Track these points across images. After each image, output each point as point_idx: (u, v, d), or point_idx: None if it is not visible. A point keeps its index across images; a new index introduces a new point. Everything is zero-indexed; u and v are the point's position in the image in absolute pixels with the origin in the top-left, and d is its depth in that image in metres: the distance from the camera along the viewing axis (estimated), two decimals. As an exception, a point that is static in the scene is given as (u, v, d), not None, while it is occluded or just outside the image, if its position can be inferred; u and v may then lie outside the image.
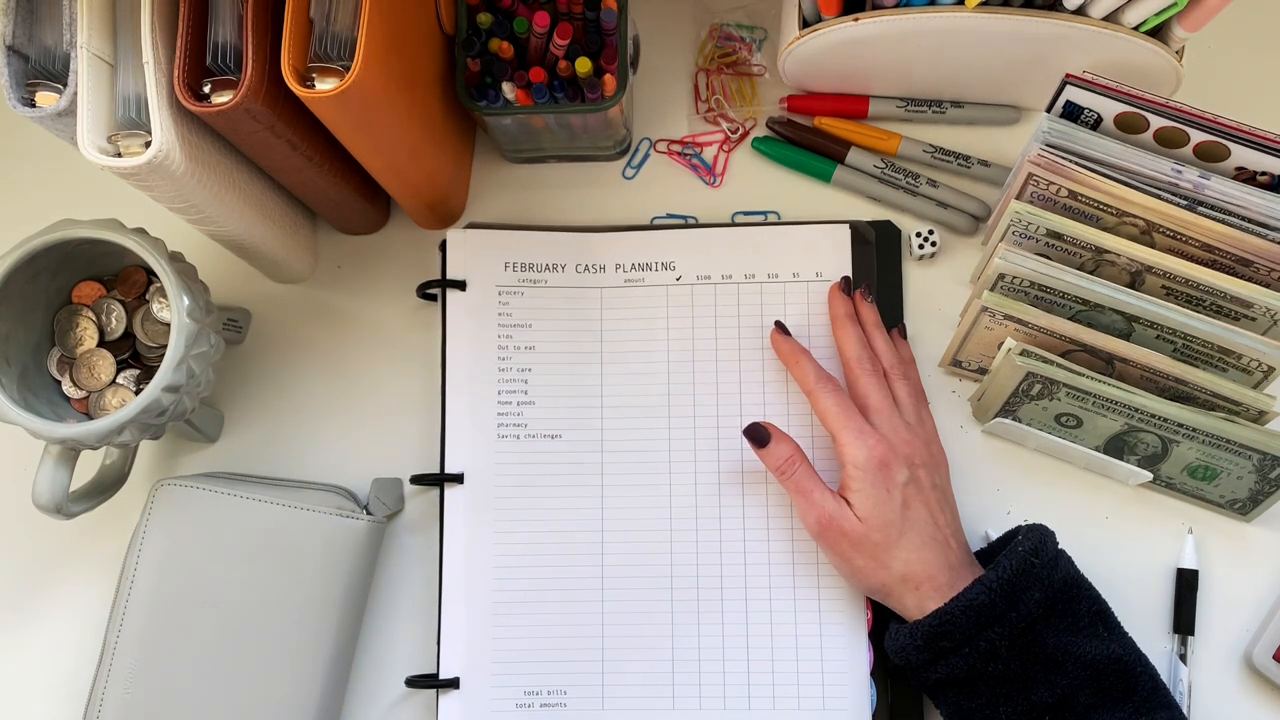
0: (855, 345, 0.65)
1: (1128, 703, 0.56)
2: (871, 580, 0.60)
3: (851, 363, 0.64)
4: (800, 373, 0.64)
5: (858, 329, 0.66)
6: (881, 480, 0.60)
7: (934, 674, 0.58)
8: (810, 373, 0.64)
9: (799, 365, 0.64)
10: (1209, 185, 0.59)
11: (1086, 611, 0.58)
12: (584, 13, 0.63)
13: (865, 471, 0.60)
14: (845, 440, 0.61)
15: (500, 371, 0.68)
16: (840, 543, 0.60)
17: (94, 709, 0.61)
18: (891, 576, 0.59)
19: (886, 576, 0.59)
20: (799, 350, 0.65)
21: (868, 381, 0.63)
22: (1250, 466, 0.61)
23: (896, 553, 0.59)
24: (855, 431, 0.61)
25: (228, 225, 0.62)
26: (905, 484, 0.60)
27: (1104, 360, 0.61)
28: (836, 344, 0.66)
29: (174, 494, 0.64)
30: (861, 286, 0.68)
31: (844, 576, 0.63)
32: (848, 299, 0.67)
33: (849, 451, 0.60)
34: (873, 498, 0.59)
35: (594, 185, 0.73)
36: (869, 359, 0.64)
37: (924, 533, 0.59)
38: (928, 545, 0.59)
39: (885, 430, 0.61)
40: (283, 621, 0.63)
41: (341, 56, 0.55)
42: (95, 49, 0.55)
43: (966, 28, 0.63)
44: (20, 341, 0.62)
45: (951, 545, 0.60)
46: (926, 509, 0.60)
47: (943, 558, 0.59)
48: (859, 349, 0.64)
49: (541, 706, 0.64)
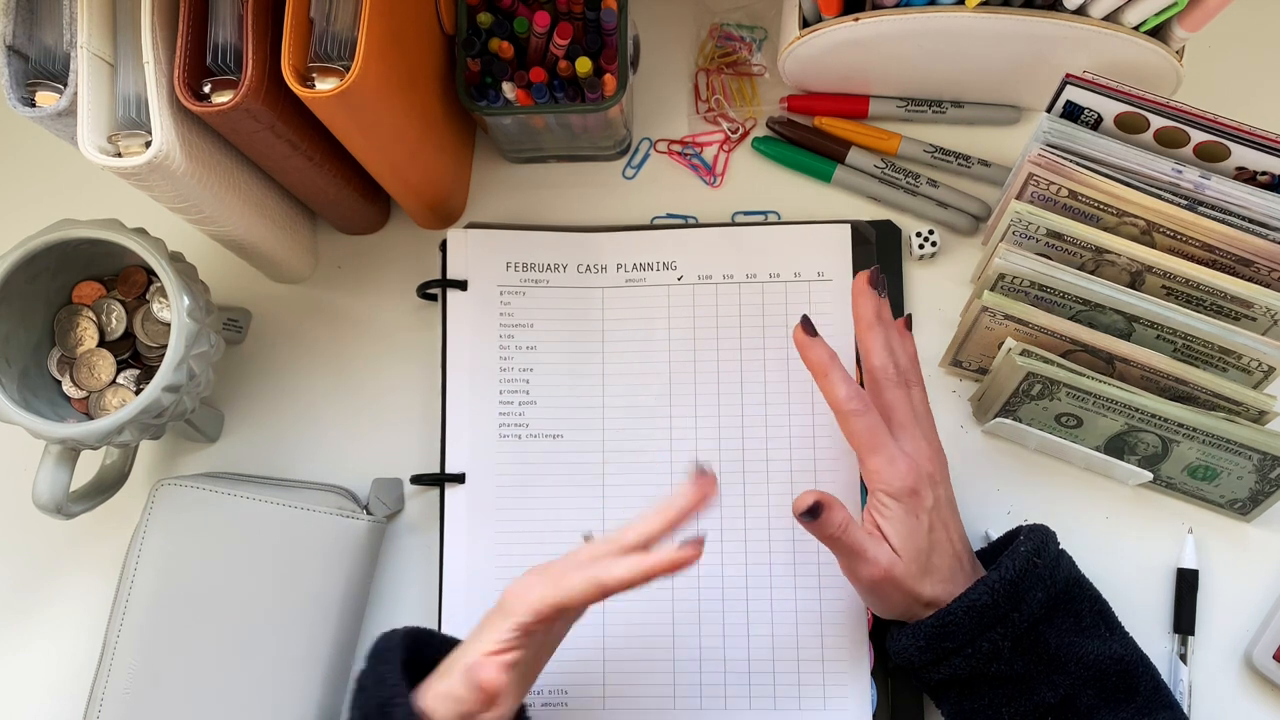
0: (883, 353, 0.59)
1: (1131, 703, 0.56)
2: (899, 609, 0.58)
3: (877, 372, 0.59)
4: (829, 387, 0.58)
5: (885, 334, 0.60)
6: (912, 508, 0.57)
7: (936, 675, 0.58)
8: (841, 389, 0.58)
9: (828, 379, 0.58)
10: (1209, 185, 0.59)
11: (1089, 611, 0.58)
12: (584, 13, 0.64)
13: (899, 500, 0.57)
14: (877, 466, 0.57)
15: (502, 371, 0.68)
16: (890, 591, 0.57)
17: (94, 709, 0.61)
18: (919, 603, 0.58)
19: (914, 603, 0.58)
20: (829, 359, 0.58)
21: (894, 395, 0.59)
22: (1250, 466, 0.61)
23: (926, 579, 0.57)
24: (888, 459, 0.57)
25: (228, 225, 0.62)
26: (932, 508, 0.58)
27: (1104, 360, 0.61)
28: (861, 348, 0.60)
29: (174, 494, 0.64)
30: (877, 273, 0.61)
31: (872, 607, 0.60)
32: (876, 299, 0.60)
33: (882, 478, 0.57)
34: (906, 526, 0.57)
35: (594, 185, 0.73)
36: (894, 368, 0.59)
37: (945, 554, 0.58)
38: (950, 567, 0.58)
39: (909, 449, 0.58)
40: (283, 621, 0.63)
41: (341, 56, 0.55)
42: (95, 49, 0.55)
43: (966, 28, 0.63)
44: (20, 341, 0.62)
45: (962, 557, 0.59)
46: (945, 529, 0.58)
47: (958, 568, 0.58)
48: (886, 358, 0.59)
49: (542, 706, 0.64)
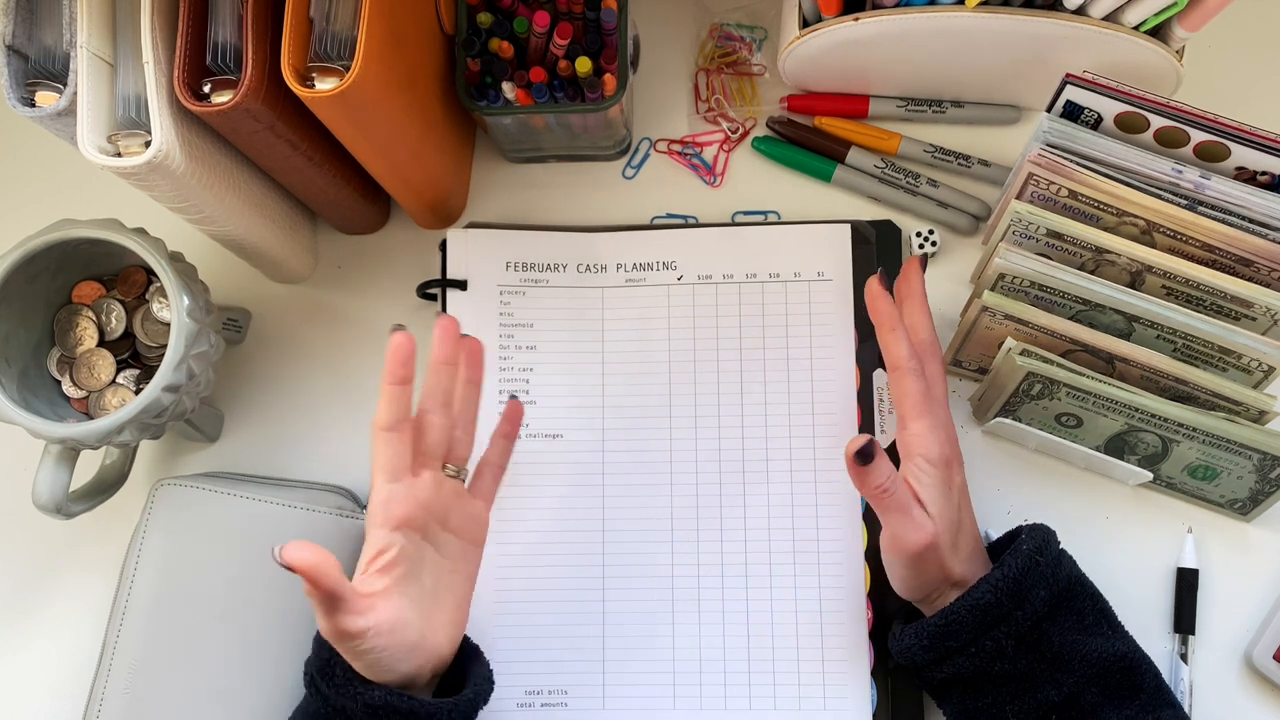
0: (905, 347, 0.59)
1: (1134, 700, 0.56)
2: (929, 586, 0.57)
3: (902, 362, 0.58)
4: (893, 342, 0.58)
5: (905, 333, 0.59)
6: (946, 479, 0.57)
7: (940, 674, 0.58)
8: (903, 347, 0.58)
9: (895, 334, 0.58)
10: (1209, 185, 0.59)
11: (1091, 610, 0.58)
12: (584, 12, 0.63)
13: (936, 468, 0.57)
14: (921, 431, 0.57)
15: (502, 371, 0.68)
16: (932, 565, 0.56)
17: (94, 709, 0.61)
18: (947, 582, 0.57)
19: (943, 581, 0.57)
20: (896, 318, 0.59)
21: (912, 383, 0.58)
22: (1250, 466, 0.61)
23: (956, 554, 0.57)
24: (932, 425, 0.57)
25: (228, 225, 0.62)
26: (961, 486, 0.58)
27: (1104, 360, 0.61)
28: (883, 347, 0.59)
29: (174, 494, 0.64)
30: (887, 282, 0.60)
31: (903, 582, 0.58)
32: (892, 300, 0.60)
33: (924, 443, 0.57)
34: (941, 494, 0.57)
35: (594, 185, 0.73)
36: (915, 359, 0.58)
37: (970, 535, 0.58)
38: (974, 550, 0.58)
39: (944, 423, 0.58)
40: (283, 621, 0.63)
41: (341, 56, 0.55)
42: (95, 49, 0.55)
43: (966, 28, 0.63)
44: (20, 341, 0.62)
45: (979, 544, 0.59)
46: (969, 513, 0.59)
47: (980, 561, 0.58)
48: (907, 351, 0.58)
49: (542, 706, 0.64)
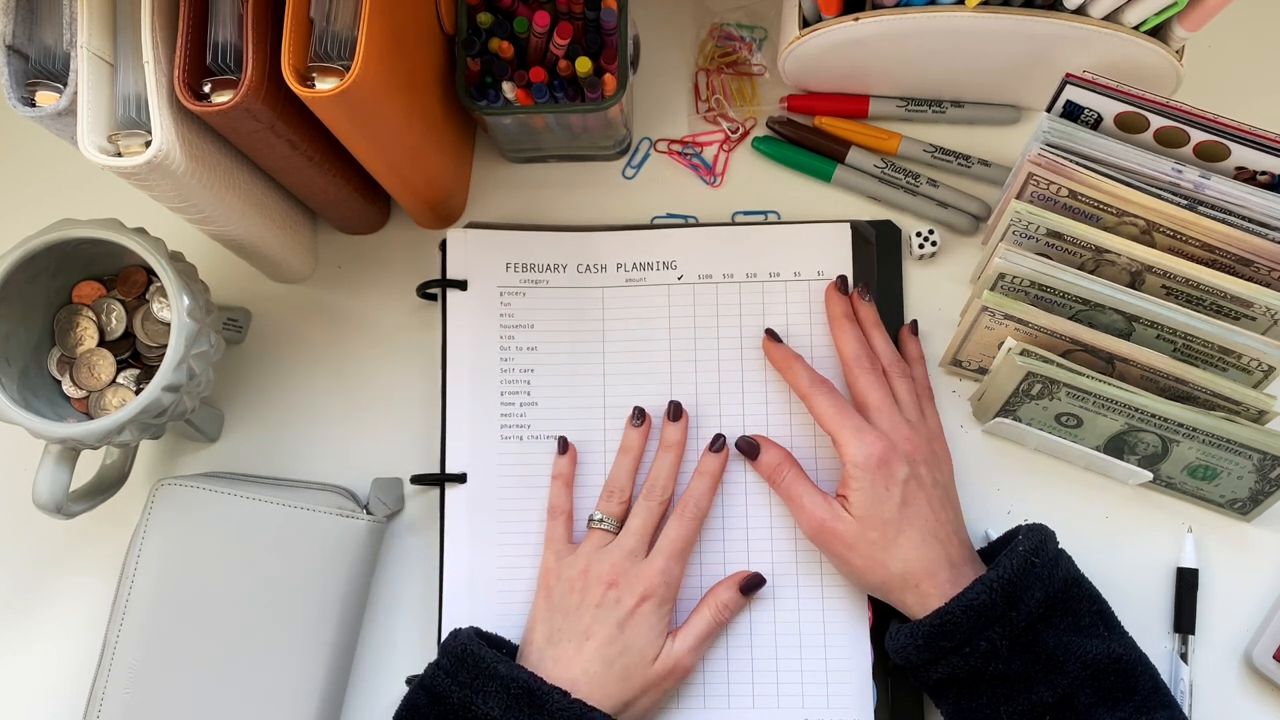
0: (853, 344, 0.64)
1: (1129, 702, 0.56)
2: (871, 579, 0.60)
3: (849, 361, 0.64)
4: (794, 378, 0.65)
5: (855, 328, 0.66)
6: (881, 478, 0.60)
7: (935, 674, 0.58)
8: (804, 377, 0.64)
9: (792, 370, 0.65)
10: (1209, 185, 0.59)
11: (1087, 611, 0.58)
12: (584, 12, 0.63)
13: (864, 470, 0.60)
14: (843, 440, 0.61)
15: (503, 372, 0.68)
16: (835, 544, 0.61)
17: (94, 709, 0.61)
18: (890, 575, 0.59)
19: (885, 575, 0.59)
20: (791, 356, 0.65)
21: (866, 380, 0.63)
22: (1250, 466, 0.61)
23: (895, 551, 0.59)
24: (853, 430, 0.61)
25: (228, 225, 0.62)
26: (905, 481, 0.60)
27: (1104, 360, 0.61)
28: (834, 341, 0.66)
29: (174, 494, 0.64)
30: (859, 285, 0.67)
31: (844, 576, 0.63)
32: (844, 298, 0.67)
33: (848, 450, 0.61)
34: (871, 496, 0.59)
35: (594, 185, 0.73)
36: (867, 357, 0.64)
37: (924, 530, 0.59)
38: (927, 543, 0.59)
39: (885, 428, 0.61)
40: (283, 621, 0.63)
41: (341, 56, 0.55)
42: (95, 48, 0.55)
43: (966, 28, 0.63)
44: (20, 341, 0.62)
45: (953, 542, 0.60)
46: (929, 506, 0.60)
47: (943, 555, 0.59)
48: (857, 347, 0.64)
49: (542, 706, 0.64)
